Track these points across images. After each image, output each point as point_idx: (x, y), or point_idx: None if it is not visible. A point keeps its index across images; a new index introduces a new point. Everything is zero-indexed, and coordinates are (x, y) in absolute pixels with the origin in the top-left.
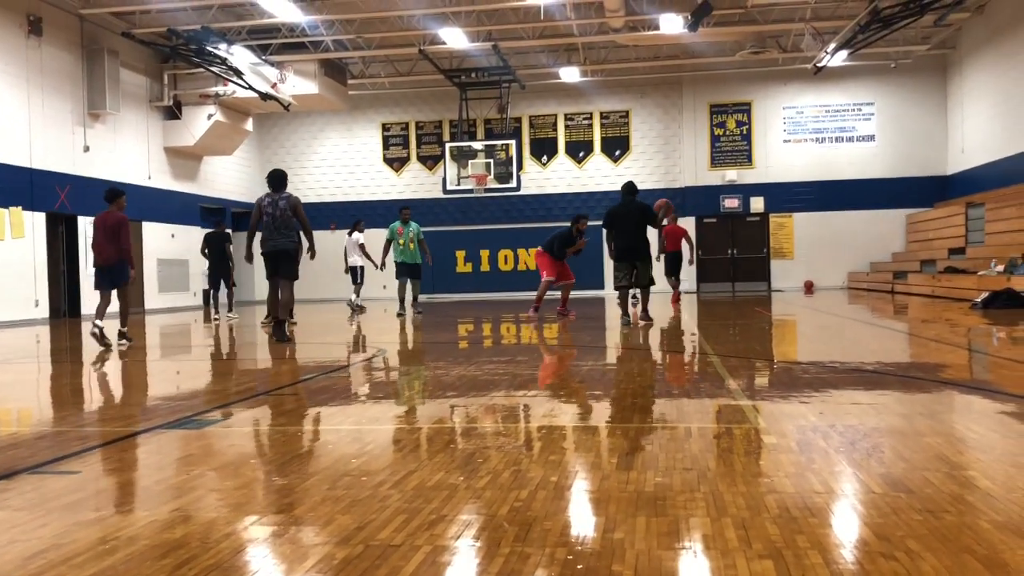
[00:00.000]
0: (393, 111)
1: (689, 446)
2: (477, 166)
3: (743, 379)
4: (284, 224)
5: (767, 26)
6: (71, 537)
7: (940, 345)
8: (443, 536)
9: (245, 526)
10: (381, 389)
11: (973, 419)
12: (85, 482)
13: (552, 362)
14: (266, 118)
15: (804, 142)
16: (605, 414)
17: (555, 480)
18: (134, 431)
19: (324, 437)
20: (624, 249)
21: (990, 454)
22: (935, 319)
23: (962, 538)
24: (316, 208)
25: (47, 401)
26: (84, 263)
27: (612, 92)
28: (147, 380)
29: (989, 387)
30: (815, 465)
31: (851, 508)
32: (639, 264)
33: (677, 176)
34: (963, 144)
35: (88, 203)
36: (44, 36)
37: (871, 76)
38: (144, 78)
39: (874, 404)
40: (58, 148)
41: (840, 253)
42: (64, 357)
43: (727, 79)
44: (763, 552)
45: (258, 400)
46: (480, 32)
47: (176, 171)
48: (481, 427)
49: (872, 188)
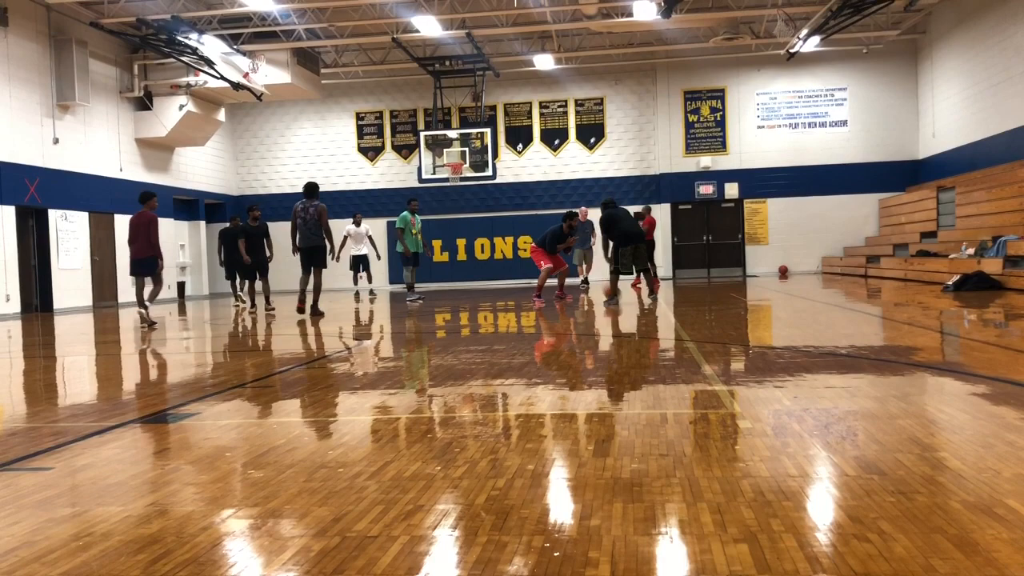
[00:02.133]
0: (367, 100)
1: (665, 432)
2: (452, 155)
3: (718, 364)
4: (314, 226)
5: (740, 12)
6: (44, 534)
7: (912, 328)
8: (420, 526)
9: (222, 519)
10: (358, 380)
11: (944, 401)
12: (58, 478)
13: (529, 350)
14: (239, 108)
15: (778, 128)
16: (582, 401)
17: (532, 468)
18: (108, 426)
19: (300, 429)
20: (629, 233)
21: (961, 435)
22: (907, 302)
23: (933, 519)
24: (291, 198)
25: (20, 396)
26: (55, 257)
27: (586, 79)
28: (121, 373)
29: (960, 369)
30: (790, 449)
31: (825, 491)
32: (641, 247)
33: (652, 163)
34: (934, 128)
35: (58, 196)
36: (10, 26)
37: (843, 61)
38: (114, 68)
39: (848, 387)
40: (26, 140)
41: (814, 238)
42: (35, 352)
43: (701, 66)
44: (738, 536)
45: (234, 392)
46: (454, 20)
47: (148, 163)
48: (459, 416)
49: (845, 173)
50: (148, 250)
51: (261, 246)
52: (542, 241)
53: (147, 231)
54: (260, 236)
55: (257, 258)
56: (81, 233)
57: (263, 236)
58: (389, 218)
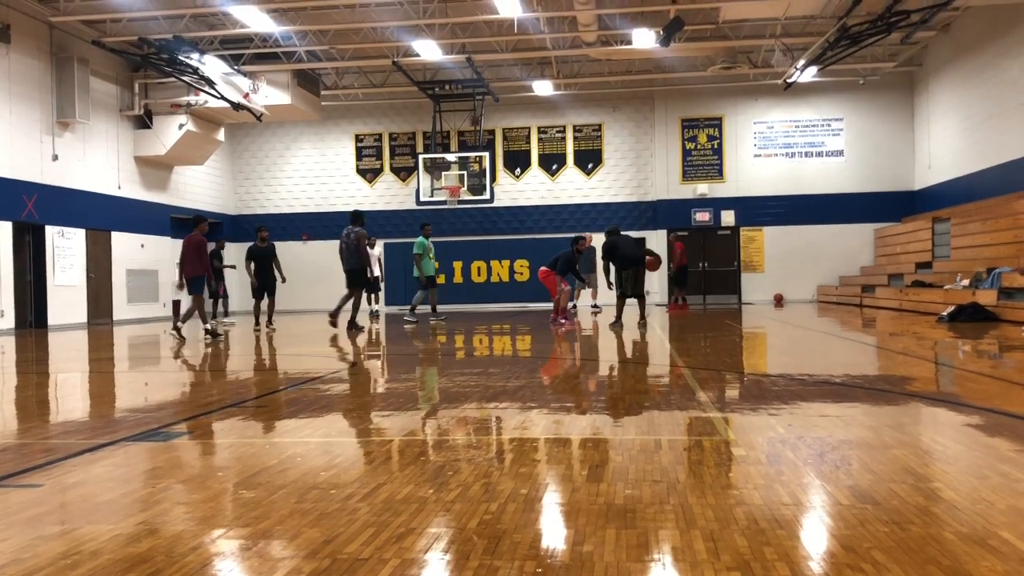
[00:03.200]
0: (366, 122)
1: (659, 458)
2: (450, 178)
3: (713, 391)
4: (353, 250)
5: (738, 42)
6: (32, 552)
7: (907, 358)
8: (412, 549)
9: (212, 539)
10: (352, 401)
11: (939, 431)
12: (48, 495)
13: (524, 374)
14: (238, 128)
15: (774, 156)
16: (576, 426)
17: (525, 492)
18: (100, 443)
19: (293, 450)
20: (630, 258)
21: (955, 466)
22: (902, 332)
23: (927, 549)
24: (288, 219)
25: (11, 412)
26: (51, 273)
27: (585, 106)
28: (114, 391)
29: (955, 400)
30: (784, 477)
31: (819, 520)
32: (640, 272)
33: (649, 189)
34: (930, 160)
35: (56, 212)
36: (12, 43)
37: (840, 92)
38: (114, 87)
39: (842, 416)
40: (26, 157)
41: (810, 266)
42: (29, 368)
43: (698, 94)
44: (731, 564)
45: (227, 412)
46: (454, 45)
47: (146, 181)
48: (452, 439)
49: (841, 203)
50: (199, 269)
51: (270, 267)
52: (552, 264)
53: (196, 252)
54: (269, 257)
55: (265, 278)
56: (78, 250)
57: (271, 257)
58: (387, 239)
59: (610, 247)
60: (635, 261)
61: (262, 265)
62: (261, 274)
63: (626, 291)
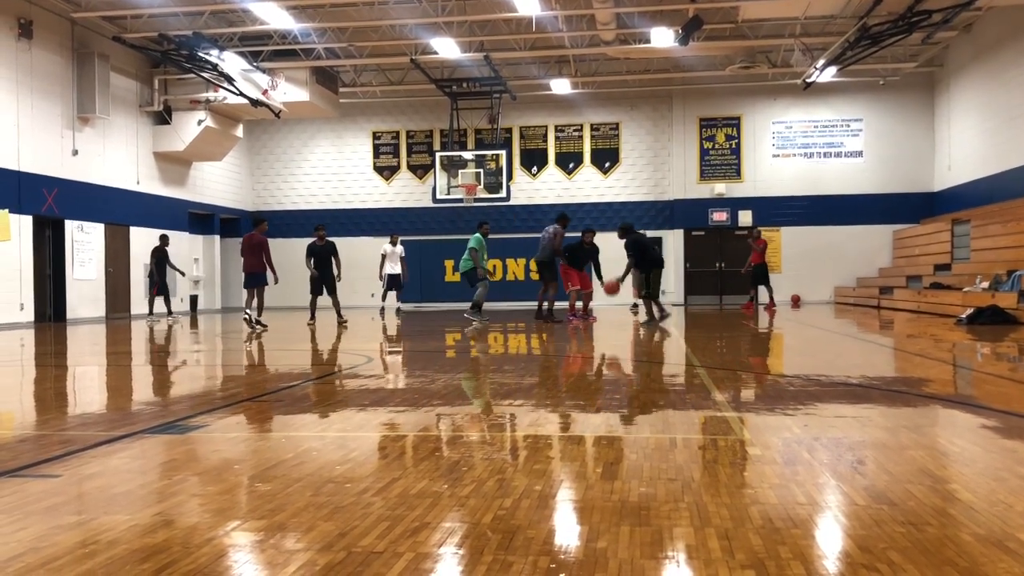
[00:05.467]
0: (384, 120)
1: (674, 456)
2: (467, 176)
3: (729, 391)
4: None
5: (757, 41)
6: (50, 541)
7: (924, 360)
8: (426, 543)
9: (227, 531)
10: (367, 396)
11: (956, 433)
12: (66, 486)
13: (538, 372)
14: (256, 124)
15: (793, 157)
16: (590, 423)
17: (539, 489)
18: (117, 435)
19: (308, 444)
20: (657, 260)
21: (972, 467)
22: (920, 334)
23: (944, 551)
24: (305, 216)
25: (30, 404)
26: (70, 267)
27: (602, 104)
28: (131, 384)
29: (972, 402)
30: (799, 477)
31: (834, 520)
32: (658, 272)
33: (666, 188)
34: (950, 161)
35: (75, 207)
36: (34, 39)
37: (860, 92)
38: (134, 83)
39: (858, 417)
40: (46, 151)
41: (827, 267)
42: (47, 361)
43: (717, 93)
44: (746, 562)
45: (243, 406)
46: (472, 43)
47: (165, 176)
48: (466, 436)
49: (859, 203)
50: (261, 266)
51: (328, 263)
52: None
53: (260, 250)
54: (327, 254)
55: (324, 275)
56: (96, 244)
57: (330, 253)
58: (403, 237)
59: (642, 247)
60: (660, 262)
61: (321, 262)
62: (320, 270)
63: (653, 292)
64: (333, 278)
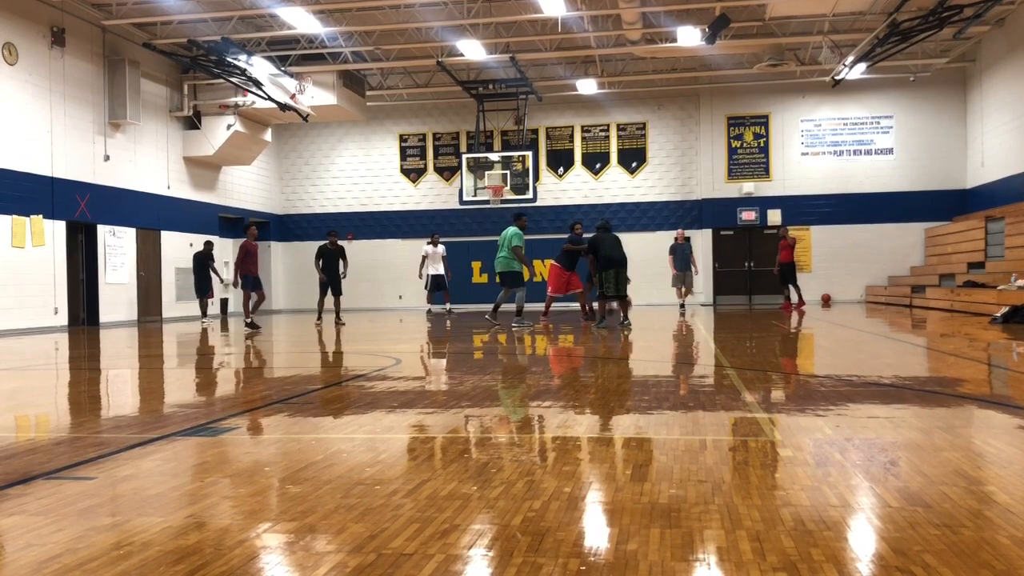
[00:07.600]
0: (411, 122)
1: (704, 458)
2: (493, 177)
3: (759, 392)
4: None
5: (785, 39)
6: (86, 542)
7: (959, 359)
8: (456, 545)
9: (258, 533)
10: (396, 398)
11: (992, 434)
12: (100, 488)
13: (565, 373)
14: (285, 128)
15: (822, 155)
16: (619, 425)
17: (568, 491)
18: (150, 438)
19: (338, 446)
20: (611, 259)
21: (1009, 469)
22: (954, 333)
23: (980, 553)
24: (333, 218)
25: (65, 407)
26: (103, 271)
27: (629, 104)
28: (163, 387)
29: (1008, 402)
30: (831, 478)
31: (867, 522)
32: (621, 272)
33: (694, 188)
34: (983, 158)
35: (107, 212)
36: (67, 47)
37: (890, 89)
38: (164, 88)
39: (891, 418)
40: (79, 157)
41: (858, 266)
42: (81, 364)
43: (745, 91)
44: (777, 565)
45: (274, 408)
46: (498, 44)
47: (195, 181)
48: (495, 437)
49: (891, 201)
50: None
51: (336, 266)
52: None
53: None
54: (335, 256)
55: (331, 276)
56: (128, 249)
57: (338, 256)
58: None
59: (594, 243)
60: (617, 262)
61: (329, 264)
62: (327, 272)
63: (607, 291)
64: (340, 281)
